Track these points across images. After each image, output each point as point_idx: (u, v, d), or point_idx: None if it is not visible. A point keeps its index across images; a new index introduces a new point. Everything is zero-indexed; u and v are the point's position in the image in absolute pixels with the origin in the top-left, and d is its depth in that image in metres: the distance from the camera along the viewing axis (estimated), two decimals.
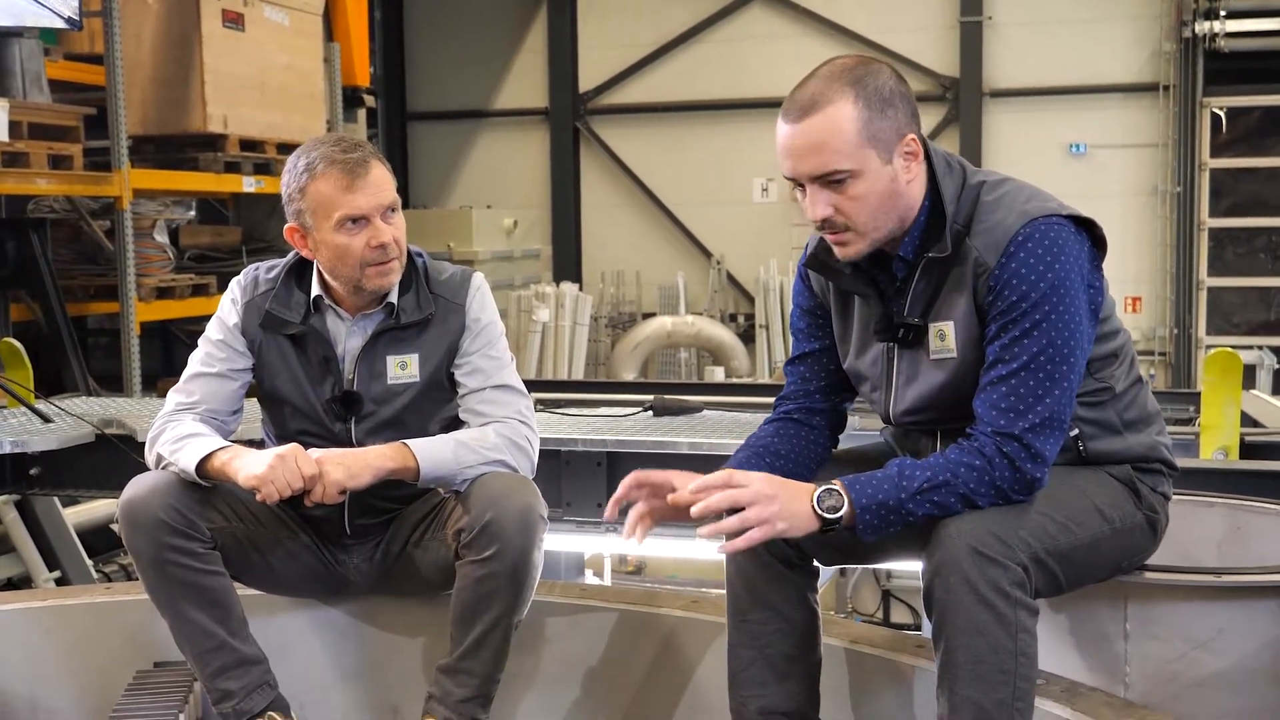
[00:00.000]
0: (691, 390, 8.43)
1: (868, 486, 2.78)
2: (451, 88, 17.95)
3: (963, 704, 2.73)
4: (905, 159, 2.88)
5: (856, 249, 2.93)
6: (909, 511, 2.77)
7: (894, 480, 2.78)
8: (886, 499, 2.77)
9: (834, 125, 2.81)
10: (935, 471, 2.78)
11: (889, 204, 2.88)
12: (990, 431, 2.80)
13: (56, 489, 5.66)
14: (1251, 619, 3.14)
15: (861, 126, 2.81)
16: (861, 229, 2.89)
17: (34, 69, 9.00)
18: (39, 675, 3.90)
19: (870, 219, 2.88)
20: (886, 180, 2.86)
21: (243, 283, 3.63)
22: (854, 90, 2.82)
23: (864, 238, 2.91)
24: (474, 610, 3.39)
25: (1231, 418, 5.29)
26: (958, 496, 2.76)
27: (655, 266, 17.10)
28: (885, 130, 2.84)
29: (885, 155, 2.85)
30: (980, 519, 2.75)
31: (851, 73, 2.84)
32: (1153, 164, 15.53)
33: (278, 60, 10.68)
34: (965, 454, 2.80)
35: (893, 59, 15.69)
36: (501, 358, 3.61)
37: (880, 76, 2.86)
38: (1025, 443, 2.78)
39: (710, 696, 3.49)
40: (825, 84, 2.84)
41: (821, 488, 2.78)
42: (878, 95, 2.83)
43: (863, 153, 2.82)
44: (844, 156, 2.82)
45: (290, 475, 3.26)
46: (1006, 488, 2.78)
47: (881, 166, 2.85)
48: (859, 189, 2.85)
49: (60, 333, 9.33)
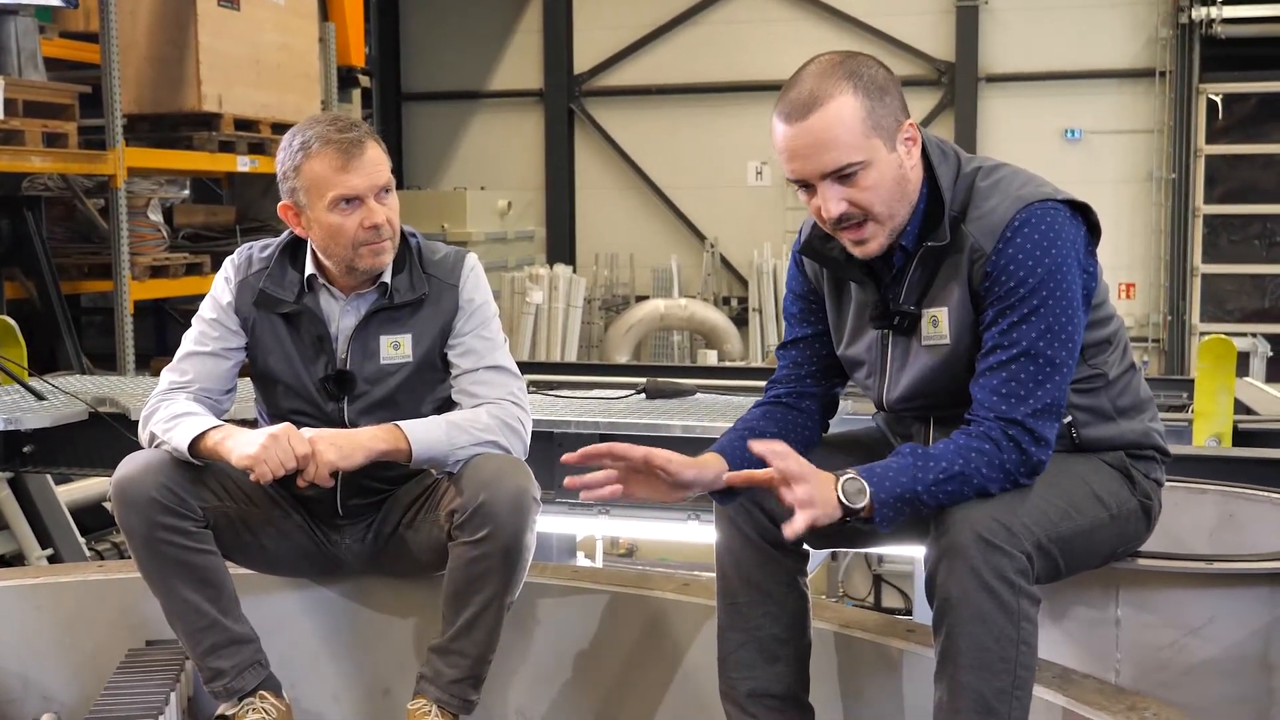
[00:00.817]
0: (684, 373, 8.45)
1: (885, 478, 2.75)
2: (446, 68, 17.94)
3: (963, 691, 2.72)
4: (906, 145, 2.87)
5: (878, 242, 2.90)
6: (924, 503, 2.75)
7: (910, 471, 2.75)
8: (905, 491, 2.74)
9: (839, 119, 2.79)
10: (950, 461, 2.75)
11: (900, 190, 2.87)
12: (994, 417, 2.79)
13: (50, 467, 5.67)
14: (1243, 606, 3.15)
15: (866, 116, 2.80)
16: (880, 218, 2.86)
17: (29, 47, 8.98)
18: (31, 653, 3.90)
19: (886, 207, 2.86)
20: (895, 167, 2.85)
21: (236, 261, 3.63)
22: (851, 83, 2.81)
23: (883, 227, 2.88)
24: (466, 591, 3.39)
25: (1224, 405, 5.30)
26: (971, 486, 2.75)
27: (649, 249, 17.11)
28: (886, 118, 2.83)
29: (889, 143, 2.84)
30: (984, 506, 2.74)
31: (844, 66, 2.84)
32: (1148, 150, 15.55)
33: (273, 40, 10.66)
34: (975, 439, 2.78)
35: (888, 43, 15.75)
36: (494, 339, 3.61)
37: (870, 67, 2.86)
38: (1029, 427, 2.77)
39: (701, 678, 3.50)
40: (820, 80, 2.82)
41: (845, 476, 2.74)
42: (874, 84, 2.82)
43: (870, 142, 2.81)
44: (854, 149, 2.81)
45: (283, 455, 3.26)
46: (1014, 470, 2.77)
47: (889, 154, 2.84)
48: (871, 179, 2.83)
49: (54, 311, 9.35)
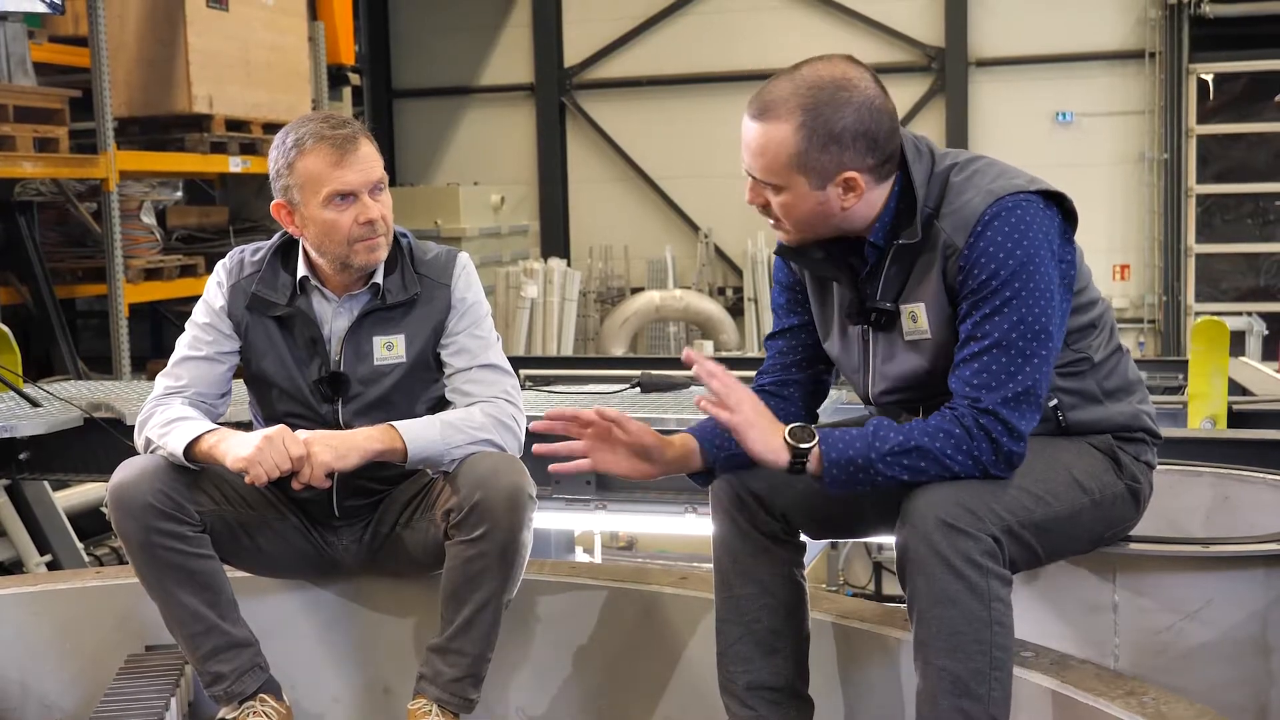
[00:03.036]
0: (679, 365, 8.43)
1: (840, 440, 2.81)
2: (437, 64, 17.91)
3: (939, 675, 2.73)
4: (840, 190, 2.86)
5: (790, 239, 2.99)
6: (878, 471, 2.79)
7: (867, 439, 2.80)
8: (857, 455, 2.79)
9: (769, 141, 2.83)
10: (909, 436, 2.79)
11: (816, 219, 2.91)
12: (967, 405, 2.80)
13: (46, 473, 5.65)
14: (1240, 589, 3.15)
15: (793, 154, 2.81)
16: (790, 228, 2.94)
17: (18, 52, 8.98)
18: (30, 659, 3.90)
19: (796, 225, 2.93)
20: (813, 203, 2.87)
21: (228, 265, 3.63)
22: (802, 117, 2.79)
23: (798, 233, 2.96)
24: (464, 590, 3.39)
25: (1219, 387, 5.31)
26: (932, 461, 2.77)
27: (643, 241, 17.10)
28: (821, 162, 2.82)
29: (817, 183, 2.84)
30: (950, 491, 2.75)
31: (816, 94, 2.80)
32: (1140, 131, 15.53)
33: (262, 39, 10.65)
34: (945, 421, 2.80)
35: (878, 30, 15.74)
36: (487, 337, 3.61)
37: (842, 110, 2.80)
38: (1000, 417, 2.77)
39: (700, 672, 3.50)
40: (787, 94, 2.82)
41: (794, 424, 2.85)
42: (824, 130, 2.79)
43: (790, 175, 2.84)
44: (772, 173, 2.86)
45: (278, 456, 3.26)
46: (986, 462, 2.78)
47: (809, 190, 2.85)
48: (785, 200, 2.88)
49: (49, 315, 9.36)
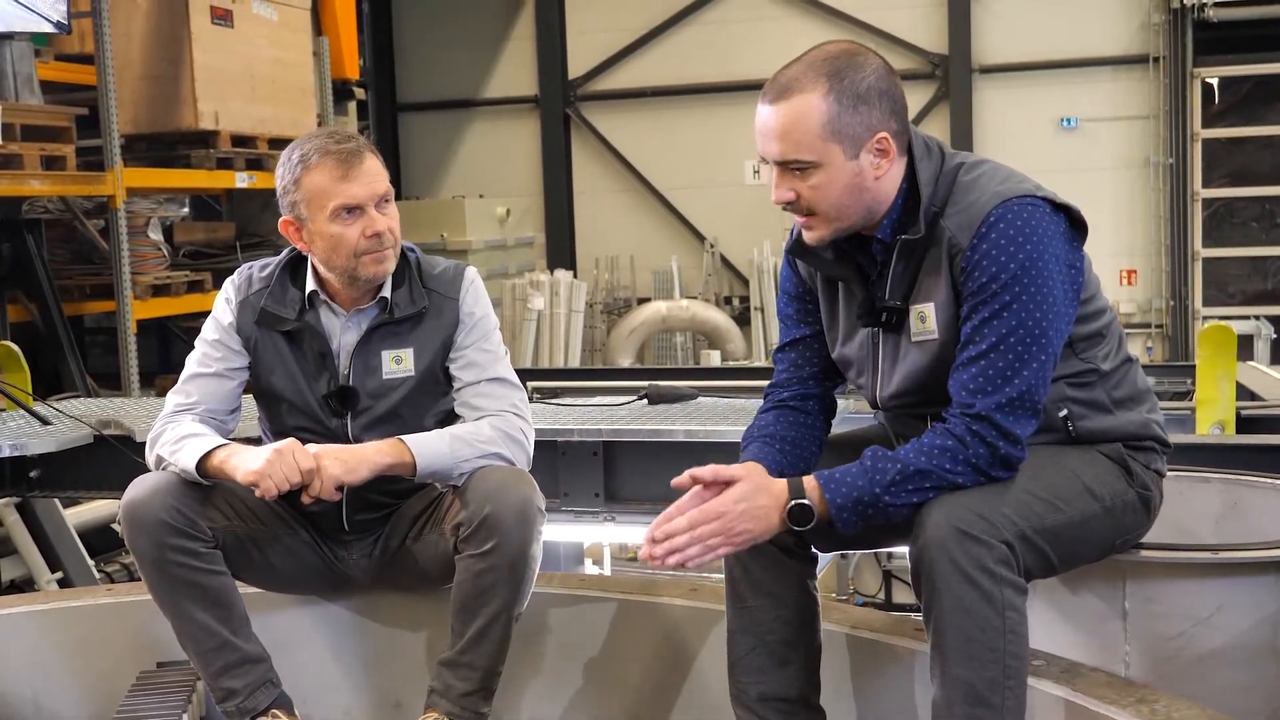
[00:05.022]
0: (686, 375, 8.46)
1: (842, 484, 2.80)
2: (441, 78, 17.93)
3: (955, 684, 2.73)
4: (875, 155, 2.87)
5: (819, 234, 2.95)
6: (887, 504, 2.79)
7: (867, 475, 2.80)
8: (862, 494, 2.79)
9: (800, 115, 2.82)
10: (907, 463, 2.79)
11: (851, 197, 2.89)
12: (959, 412, 2.81)
13: (56, 490, 5.67)
14: (1250, 595, 3.15)
15: (827, 120, 2.81)
16: (824, 215, 2.91)
17: (25, 71, 8.99)
18: (43, 677, 3.91)
19: (830, 208, 2.90)
20: (850, 175, 2.86)
21: (236, 282, 3.64)
22: (828, 83, 2.81)
23: (828, 224, 2.93)
24: (474, 604, 3.40)
25: (1226, 392, 5.30)
26: (934, 481, 2.77)
27: (649, 251, 17.09)
28: (854, 126, 2.83)
29: (851, 150, 2.85)
30: (963, 498, 2.76)
31: (833, 62, 2.84)
32: (1145, 136, 15.52)
33: (267, 55, 10.66)
34: (938, 437, 2.80)
35: (881, 38, 15.71)
36: (495, 351, 3.62)
37: (862, 71, 2.84)
38: (994, 421, 2.78)
39: (711, 683, 3.50)
40: (803, 70, 2.84)
41: (793, 501, 2.81)
42: (852, 90, 2.82)
43: (825, 146, 2.83)
44: (805, 148, 2.84)
45: (288, 470, 3.28)
46: (984, 465, 2.78)
47: (845, 162, 2.85)
48: (819, 179, 2.86)
49: (58, 332, 9.36)
